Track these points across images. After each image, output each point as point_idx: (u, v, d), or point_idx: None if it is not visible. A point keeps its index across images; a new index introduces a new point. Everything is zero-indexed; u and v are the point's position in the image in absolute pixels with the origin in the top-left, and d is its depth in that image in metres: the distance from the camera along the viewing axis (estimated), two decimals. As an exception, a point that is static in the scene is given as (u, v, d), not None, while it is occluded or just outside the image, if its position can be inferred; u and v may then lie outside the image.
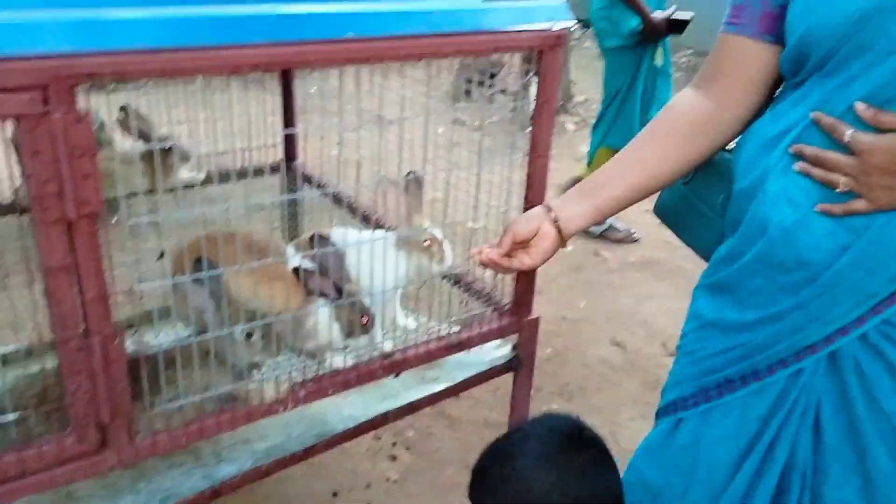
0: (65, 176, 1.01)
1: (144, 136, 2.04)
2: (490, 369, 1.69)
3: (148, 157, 2.07)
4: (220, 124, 2.30)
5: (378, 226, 1.53)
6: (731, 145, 1.27)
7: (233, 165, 2.36)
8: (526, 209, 1.57)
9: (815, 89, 1.07)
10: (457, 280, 1.76)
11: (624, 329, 3.19)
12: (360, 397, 1.58)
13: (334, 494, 2.27)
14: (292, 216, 2.35)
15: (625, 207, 1.28)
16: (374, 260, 1.43)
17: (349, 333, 1.38)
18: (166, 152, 2.07)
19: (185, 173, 2.19)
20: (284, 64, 1.17)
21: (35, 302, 1.49)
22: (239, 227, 1.45)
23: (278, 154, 2.44)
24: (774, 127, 1.12)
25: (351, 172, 1.73)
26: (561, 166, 4.69)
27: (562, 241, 1.29)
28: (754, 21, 1.14)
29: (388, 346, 1.49)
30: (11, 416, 1.12)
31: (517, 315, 1.65)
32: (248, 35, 1.15)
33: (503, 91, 5.75)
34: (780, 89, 1.20)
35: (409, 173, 1.47)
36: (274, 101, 2.39)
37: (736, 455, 1.22)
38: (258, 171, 2.39)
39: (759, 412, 1.19)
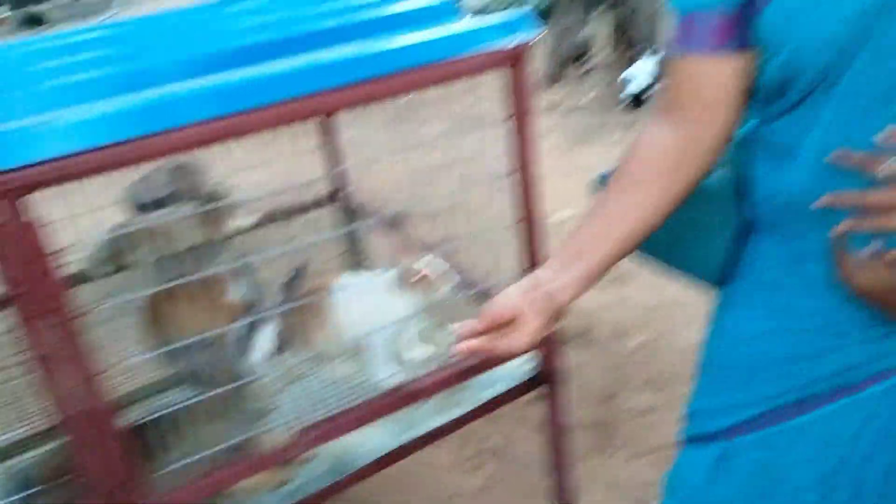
0: (28, 279, 1.12)
1: (193, 195, 2.17)
2: (516, 387, 1.67)
3: (199, 211, 2.20)
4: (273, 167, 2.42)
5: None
6: None
7: (288, 204, 2.48)
8: (526, 229, 1.54)
9: (822, 115, 0.93)
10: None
11: (722, 308, 3.02)
12: (386, 429, 1.61)
13: (416, 509, 2.33)
14: (352, 246, 2.41)
15: (616, 263, 1.13)
16: (374, 303, 1.47)
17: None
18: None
19: (235, 221, 2.31)
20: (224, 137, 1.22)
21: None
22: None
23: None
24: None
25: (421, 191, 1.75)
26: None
27: (560, 315, 1.11)
28: (706, 36, 1.00)
29: (391, 382, 1.51)
30: (35, 489, 1.25)
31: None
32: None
33: (597, 66, 5.59)
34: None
35: (392, 212, 1.48)
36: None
37: (820, 477, 1.10)
38: (315, 205, 2.49)
39: (847, 434, 1.06)
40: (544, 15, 6.73)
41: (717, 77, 1.02)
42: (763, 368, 1.14)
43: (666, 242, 1.24)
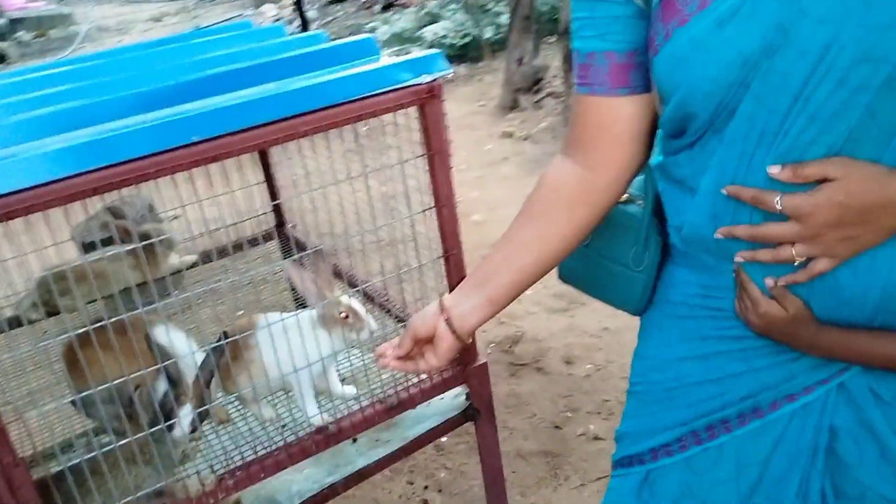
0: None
1: (127, 234, 2.15)
2: (445, 422, 1.66)
3: (134, 251, 2.17)
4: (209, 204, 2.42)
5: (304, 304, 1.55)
6: (624, 196, 1.18)
7: (227, 240, 2.47)
8: (447, 262, 1.55)
9: (715, 154, 0.96)
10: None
11: (671, 332, 3.05)
12: (315, 468, 1.60)
13: (364, 547, 2.30)
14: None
15: (520, 292, 1.17)
16: (295, 342, 1.46)
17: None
18: (150, 245, 2.18)
19: (173, 260, 2.29)
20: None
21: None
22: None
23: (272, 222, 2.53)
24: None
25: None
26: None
27: (459, 339, 1.17)
28: (602, 78, 1.03)
29: (317, 421, 1.50)
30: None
31: (461, 364, 1.62)
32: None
33: (550, 94, 5.66)
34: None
35: (313, 249, 1.48)
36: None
37: (739, 499, 1.12)
38: (261, 240, 2.48)
39: (759, 456, 1.09)
40: (498, 45, 6.83)
41: (614, 116, 1.05)
42: (677, 394, 1.16)
43: (585, 274, 1.28)
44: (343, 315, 1.48)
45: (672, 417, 1.16)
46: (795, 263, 0.92)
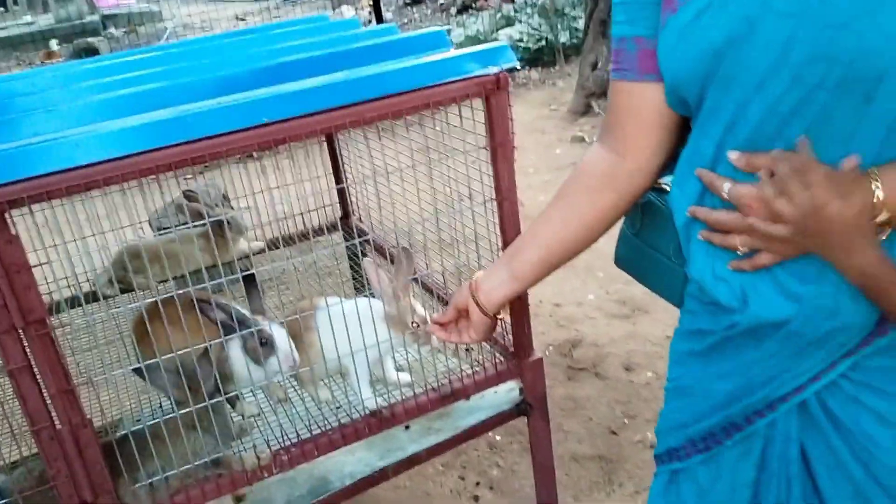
0: (5, 291, 1.16)
1: (199, 217, 2.22)
2: (498, 415, 1.66)
3: (205, 234, 2.25)
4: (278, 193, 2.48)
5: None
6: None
7: (294, 230, 2.53)
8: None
9: (705, 136, 0.98)
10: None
11: (735, 344, 2.97)
12: (367, 452, 1.62)
13: (413, 538, 2.32)
14: (355, 271, 2.45)
15: (547, 271, 1.22)
16: (354, 326, 1.49)
17: (256, 360, 1.45)
18: (220, 228, 2.25)
19: (242, 245, 2.36)
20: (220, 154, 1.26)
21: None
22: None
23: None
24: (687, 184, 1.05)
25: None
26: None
27: (484, 312, 1.25)
28: (633, 63, 1.06)
29: (371, 405, 1.52)
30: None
31: (516, 358, 1.62)
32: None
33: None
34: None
35: (397, 246, 1.51)
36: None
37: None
38: (318, 231, 2.53)
39: (749, 476, 1.10)
40: (572, 50, 6.78)
41: (642, 103, 1.07)
42: (682, 392, 1.16)
43: (635, 263, 1.30)
44: (415, 325, 1.50)
45: (677, 419, 1.17)
46: (740, 252, 0.94)
